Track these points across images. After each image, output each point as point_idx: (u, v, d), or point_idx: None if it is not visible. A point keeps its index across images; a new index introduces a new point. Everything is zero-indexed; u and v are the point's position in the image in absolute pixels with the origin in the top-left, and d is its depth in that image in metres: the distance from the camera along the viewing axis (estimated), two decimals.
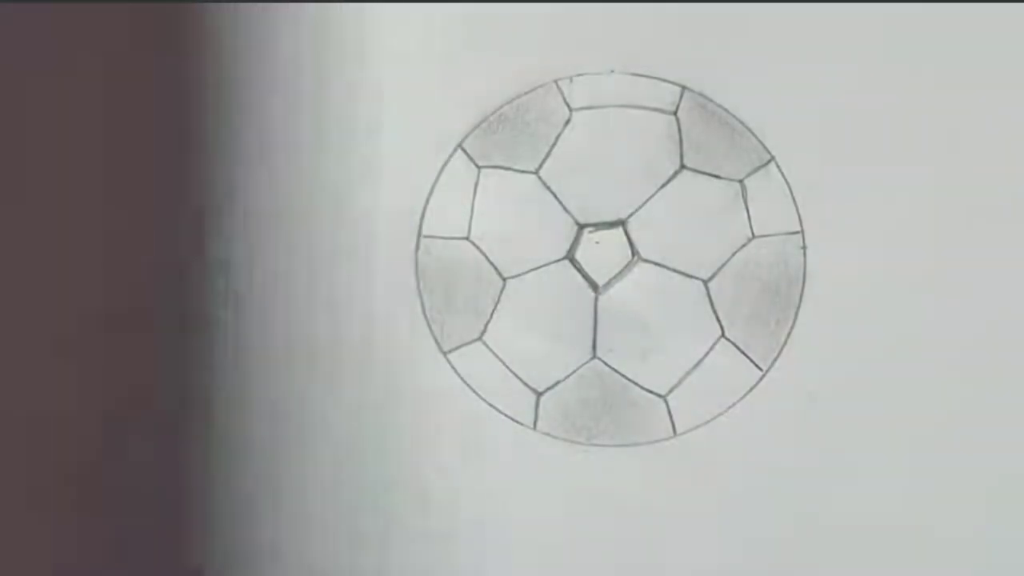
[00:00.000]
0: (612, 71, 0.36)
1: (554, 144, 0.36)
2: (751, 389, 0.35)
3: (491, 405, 0.35)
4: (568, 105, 0.36)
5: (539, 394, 0.35)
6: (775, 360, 0.35)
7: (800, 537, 0.34)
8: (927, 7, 0.36)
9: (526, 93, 0.36)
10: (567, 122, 0.36)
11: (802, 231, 0.35)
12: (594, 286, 0.35)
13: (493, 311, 0.35)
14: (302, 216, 0.36)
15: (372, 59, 0.37)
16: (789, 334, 0.35)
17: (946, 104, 0.36)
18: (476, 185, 0.36)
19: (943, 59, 0.36)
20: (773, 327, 0.35)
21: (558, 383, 0.35)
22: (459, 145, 0.36)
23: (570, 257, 0.35)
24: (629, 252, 0.35)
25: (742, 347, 0.35)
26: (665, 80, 0.36)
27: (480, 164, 0.36)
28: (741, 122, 0.36)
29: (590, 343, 0.35)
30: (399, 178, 0.36)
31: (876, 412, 0.34)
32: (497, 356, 0.35)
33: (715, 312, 0.35)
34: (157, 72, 0.36)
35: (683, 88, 0.36)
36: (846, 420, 0.34)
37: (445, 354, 0.35)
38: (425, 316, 0.35)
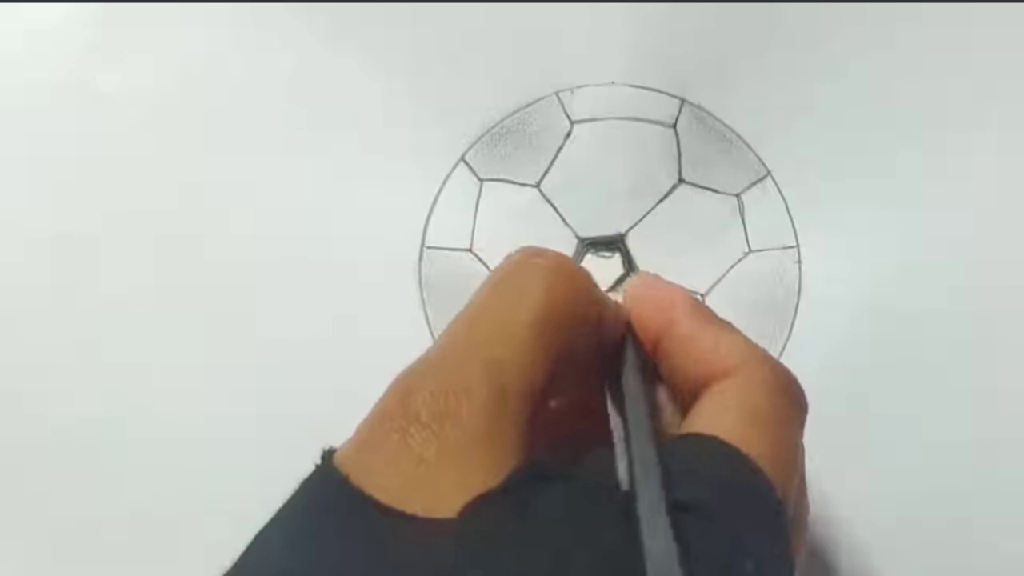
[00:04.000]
0: (612, 83, 0.37)
1: (555, 157, 0.37)
2: None
3: None
4: (569, 117, 0.37)
5: None
6: None
7: None
8: (927, 18, 0.37)
9: (528, 105, 0.37)
10: (568, 135, 0.37)
11: (797, 245, 0.36)
12: None
13: None
14: (304, 228, 0.36)
15: (374, 71, 0.37)
16: (784, 347, 0.35)
17: (944, 120, 0.36)
18: (478, 198, 0.36)
19: (944, 74, 0.37)
20: (769, 341, 0.35)
21: None
22: (462, 158, 0.37)
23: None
24: (628, 266, 0.36)
25: None
26: (664, 92, 0.37)
27: (482, 177, 0.37)
28: (739, 136, 0.37)
29: None
30: (403, 190, 0.36)
31: (870, 425, 0.35)
32: None
33: None
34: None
35: (682, 101, 0.37)
36: (840, 433, 0.35)
37: None
38: (428, 326, 0.36)
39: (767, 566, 0.21)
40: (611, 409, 0.25)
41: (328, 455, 0.21)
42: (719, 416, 0.24)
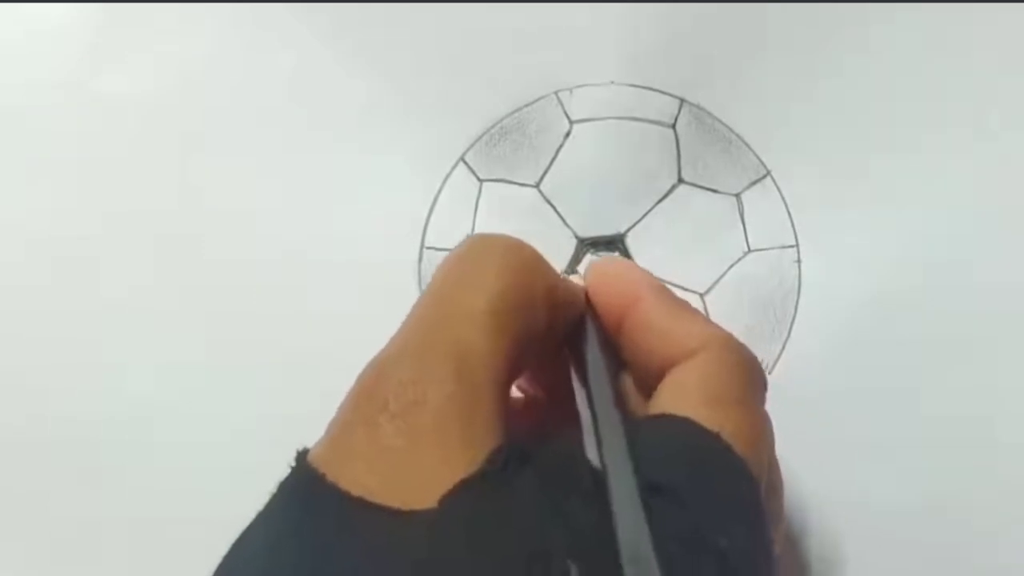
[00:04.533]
0: (611, 83, 0.37)
1: (554, 157, 0.37)
2: None
3: None
4: (568, 117, 0.37)
5: None
6: (770, 372, 0.35)
7: (792, 544, 0.35)
8: (927, 18, 0.37)
9: (527, 105, 0.37)
10: (567, 134, 0.37)
11: (797, 245, 0.36)
12: None
13: None
14: (304, 228, 0.37)
15: (373, 72, 0.37)
16: (784, 347, 0.36)
17: (944, 119, 0.36)
18: (478, 198, 0.36)
19: (944, 73, 0.37)
20: (768, 340, 0.35)
21: None
22: (461, 158, 0.37)
23: (571, 270, 0.36)
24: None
25: None
26: (664, 92, 0.37)
27: (482, 177, 0.37)
28: (738, 136, 0.37)
29: None
30: (403, 190, 0.37)
31: (870, 424, 0.35)
32: None
33: None
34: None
35: (682, 101, 0.37)
36: (840, 432, 0.35)
37: None
38: None
39: (743, 542, 0.21)
40: (577, 390, 0.25)
41: (302, 455, 0.21)
42: (685, 397, 0.24)
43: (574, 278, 0.29)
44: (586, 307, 0.27)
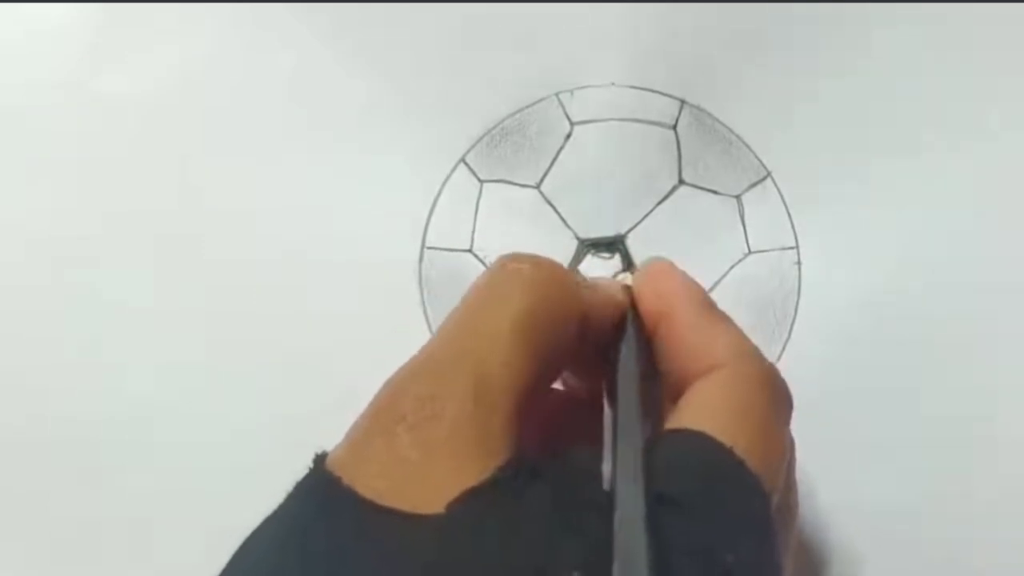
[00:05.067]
0: (612, 84, 0.37)
1: (555, 158, 0.37)
2: None
3: None
4: (569, 118, 0.37)
5: None
6: None
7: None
8: (928, 18, 0.37)
9: (528, 106, 0.37)
10: (568, 136, 0.37)
11: (797, 246, 0.36)
12: None
13: None
14: (304, 228, 0.37)
15: (374, 72, 0.37)
16: (784, 348, 0.36)
17: (944, 120, 0.36)
18: (479, 199, 0.36)
19: (944, 73, 0.37)
20: (769, 341, 0.35)
21: None
22: (462, 159, 0.37)
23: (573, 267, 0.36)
24: (628, 267, 0.36)
25: None
26: (664, 94, 0.37)
27: (482, 178, 0.37)
28: (739, 137, 0.37)
29: None
30: (403, 190, 0.37)
31: (870, 424, 0.35)
32: None
33: None
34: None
35: (682, 102, 0.37)
36: (840, 432, 0.35)
37: None
38: (429, 327, 0.36)
39: (751, 558, 0.21)
40: (606, 398, 0.25)
41: (320, 459, 0.22)
42: (703, 410, 0.24)
43: (624, 278, 0.29)
44: (630, 312, 0.27)
